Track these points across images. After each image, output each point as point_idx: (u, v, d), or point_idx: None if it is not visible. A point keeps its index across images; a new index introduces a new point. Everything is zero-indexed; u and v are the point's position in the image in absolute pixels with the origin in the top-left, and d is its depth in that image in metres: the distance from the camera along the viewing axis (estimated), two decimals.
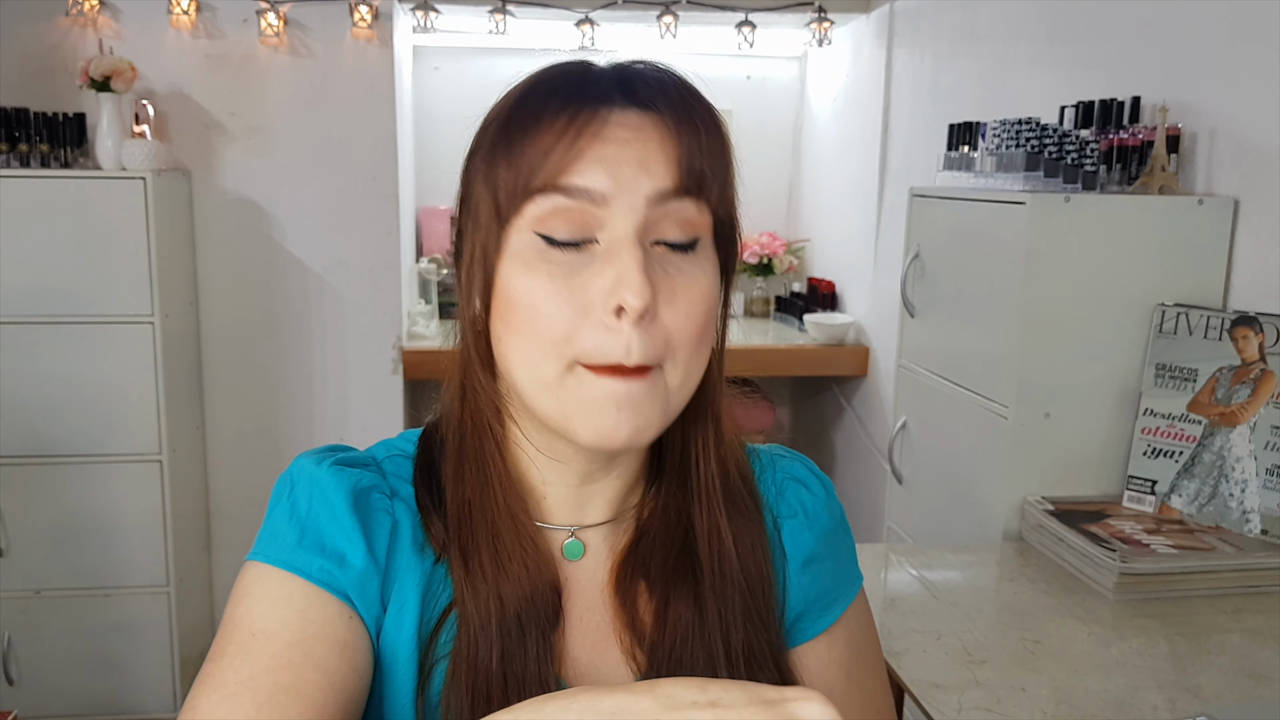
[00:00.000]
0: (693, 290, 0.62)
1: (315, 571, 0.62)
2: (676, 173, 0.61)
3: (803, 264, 3.60)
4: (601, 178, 0.60)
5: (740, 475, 0.73)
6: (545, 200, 0.60)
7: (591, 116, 0.61)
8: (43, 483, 2.50)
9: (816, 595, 0.75)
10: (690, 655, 0.67)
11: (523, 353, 0.62)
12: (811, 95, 3.53)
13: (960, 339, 1.82)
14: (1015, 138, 1.73)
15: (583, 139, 0.60)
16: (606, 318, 0.59)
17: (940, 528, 1.89)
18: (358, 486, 0.66)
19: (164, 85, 2.75)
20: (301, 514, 0.65)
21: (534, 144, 0.60)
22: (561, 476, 0.69)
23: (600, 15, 2.97)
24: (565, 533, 0.70)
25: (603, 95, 0.62)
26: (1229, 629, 1.32)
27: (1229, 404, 1.53)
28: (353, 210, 2.86)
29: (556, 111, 0.61)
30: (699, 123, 0.63)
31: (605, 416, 0.60)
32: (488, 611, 0.64)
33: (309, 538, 0.63)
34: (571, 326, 0.60)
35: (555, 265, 0.60)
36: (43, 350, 2.45)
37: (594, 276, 0.60)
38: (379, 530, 0.65)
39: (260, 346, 2.92)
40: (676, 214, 0.62)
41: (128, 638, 2.60)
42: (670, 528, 0.70)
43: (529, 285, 0.61)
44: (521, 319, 0.61)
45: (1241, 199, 1.59)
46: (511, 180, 0.61)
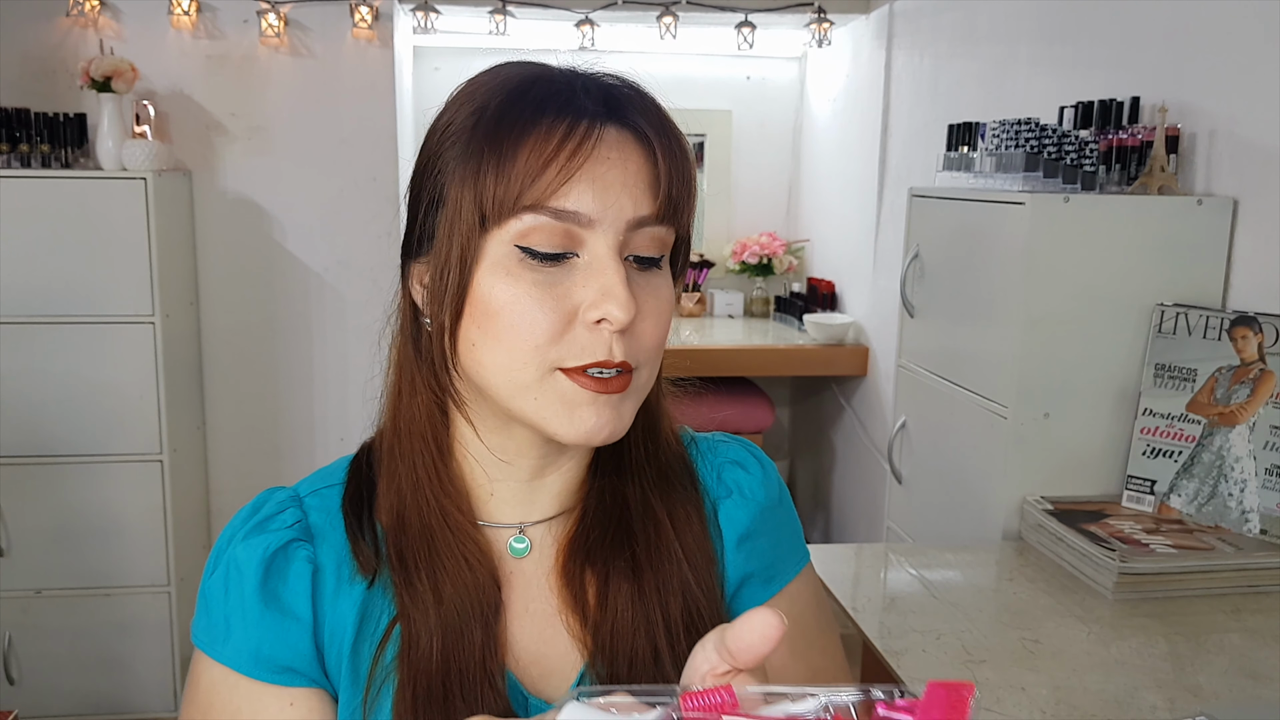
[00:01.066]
0: (660, 303, 0.66)
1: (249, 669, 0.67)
2: (655, 200, 0.64)
3: (802, 264, 3.60)
4: (590, 202, 0.62)
5: (675, 455, 0.77)
6: (532, 217, 0.62)
7: (585, 136, 0.62)
8: (43, 483, 2.50)
9: (753, 571, 0.77)
10: (631, 627, 0.69)
11: (502, 358, 0.63)
12: (811, 96, 3.53)
13: (960, 339, 1.83)
14: (1015, 138, 1.73)
15: (575, 160, 0.61)
16: (588, 327, 0.62)
17: (940, 528, 1.90)
18: (268, 553, 0.68)
19: (165, 86, 2.75)
20: (224, 605, 0.68)
21: (527, 159, 0.61)
22: (510, 475, 0.71)
23: (600, 15, 2.97)
24: (511, 530, 0.72)
25: (592, 112, 0.63)
26: (1228, 629, 1.32)
27: (1228, 404, 1.53)
28: (353, 210, 2.86)
29: (551, 127, 0.62)
30: (677, 151, 0.66)
31: (587, 418, 0.63)
32: (425, 608, 0.66)
33: (235, 634, 0.67)
34: (554, 334, 0.62)
35: (537, 275, 0.62)
36: (43, 350, 2.45)
37: (575, 288, 0.62)
38: (298, 585, 0.68)
39: (260, 346, 2.92)
40: (650, 236, 0.65)
41: (128, 638, 2.60)
42: (607, 509, 0.73)
43: (512, 294, 0.62)
44: (503, 327, 0.63)
45: (1241, 199, 1.59)
46: (501, 193, 0.62)
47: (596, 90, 0.65)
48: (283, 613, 0.67)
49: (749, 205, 3.67)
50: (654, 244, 0.65)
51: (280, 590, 0.67)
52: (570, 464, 0.72)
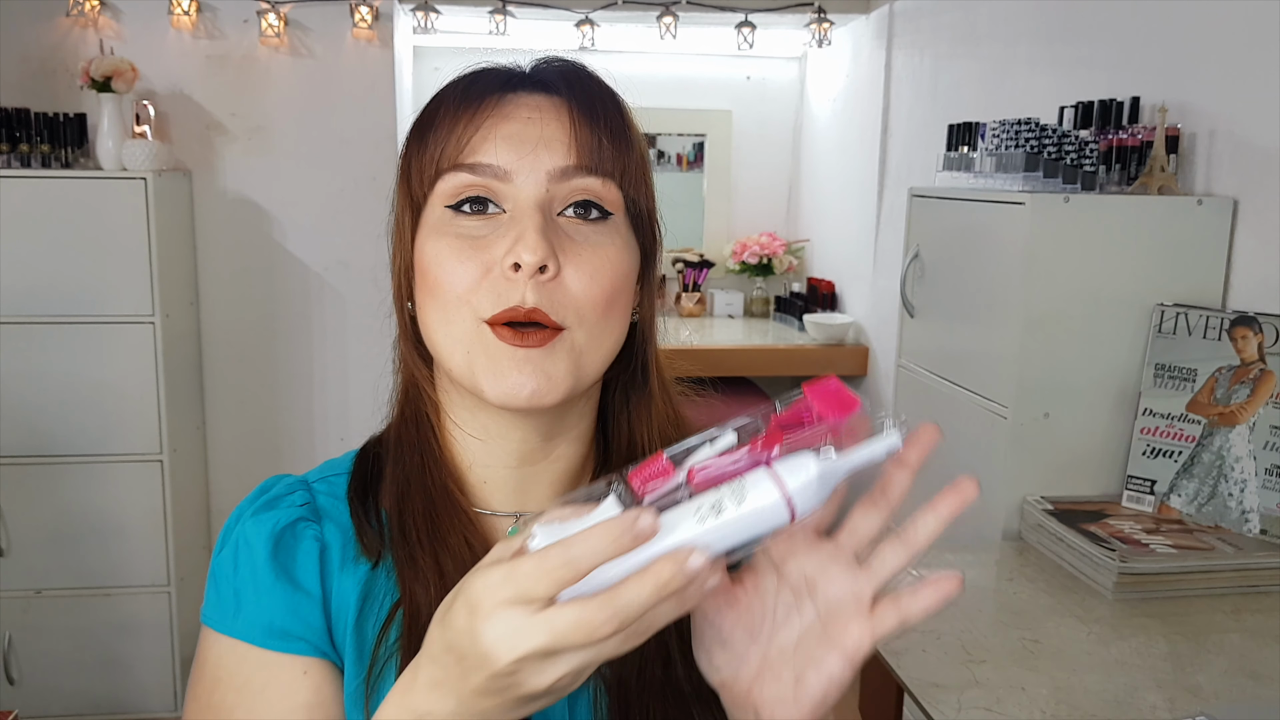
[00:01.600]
0: (598, 255, 0.65)
1: (262, 639, 0.67)
2: (576, 149, 0.65)
3: (802, 264, 3.60)
4: (505, 154, 0.64)
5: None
6: (453, 177, 0.65)
7: (497, 101, 0.66)
8: (43, 483, 2.50)
9: None
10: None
11: (436, 313, 0.66)
12: (811, 96, 3.53)
13: (960, 339, 1.83)
14: (1015, 138, 1.73)
15: (486, 120, 0.65)
16: (506, 273, 0.63)
17: None
18: (277, 529, 0.69)
19: (165, 86, 2.75)
20: (234, 579, 0.68)
21: (441, 129, 0.66)
22: (497, 459, 0.71)
23: (600, 16, 2.97)
24: (509, 519, 0.72)
25: (508, 83, 0.67)
26: (1228, 629, 1.32)
27: (1228, 404, 1.53)
28: (353, 210, 2.86)
29: (462, 99, 0.66)
30: (598, 105, 0.67)
31: (508, 375, 0.64)
32: (428, 586, 0.66)
33: (246, 607, 0.67)
34: (474, 282, 0.64)
35: (463, 230, 0.65)
36: (43, 350, 2.45)
37: (497, 240, 0.64)
38: (306, 561, 0.68)
39: (260, 346, 2.92)
40: (580, 187, 0.66)
41: (128, 638, 2.60)
42: None
43: (437, 249, 0.65)
44: (432, 281, 0.65)
45: (1240, 199, 1.59)
46: (421, 163, 0.66)
47: (523, 66, 0.69)
48: (294, 586, 0.67)
49: (749, 205, 3.66)
50: (588, 195, 0.66)
51: (290, 565, 0.68)
52: (567, 450, 0.72)
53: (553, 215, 0.65)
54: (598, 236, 0.66)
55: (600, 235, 0.66)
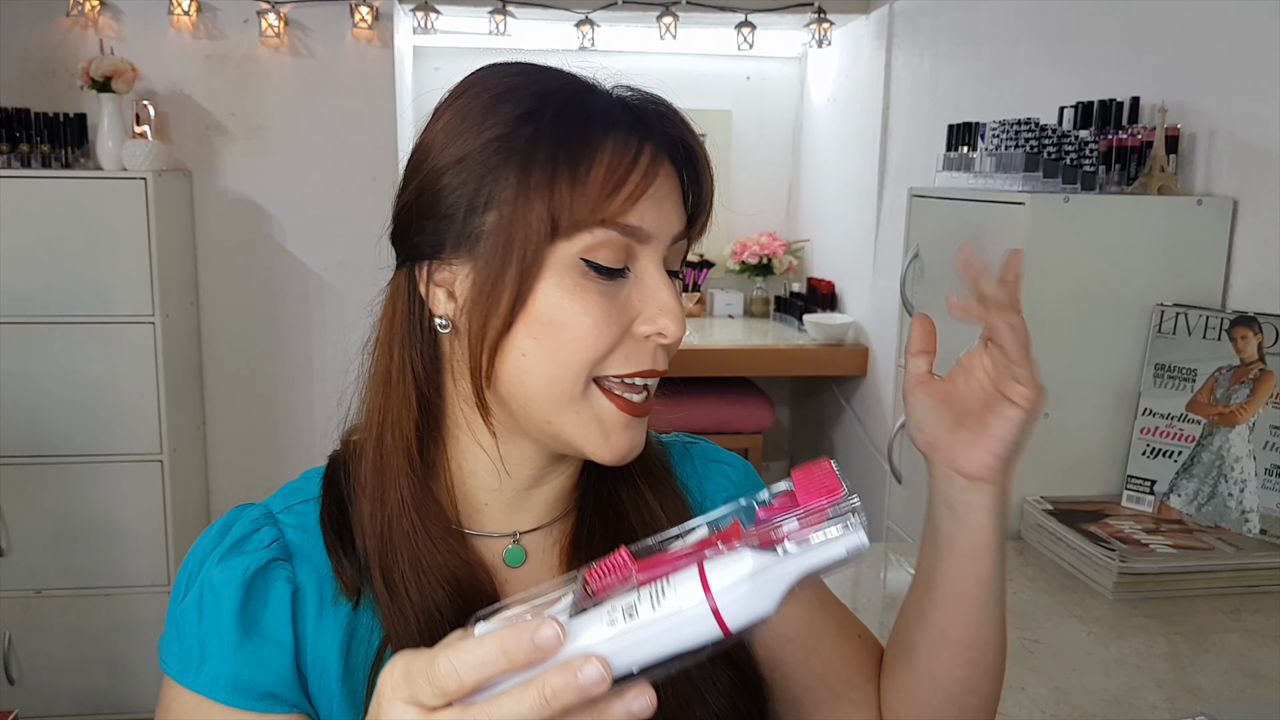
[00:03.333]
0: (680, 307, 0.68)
1: (227, 696, 0.64)
2: (688, 214, 0.68)
3: (802, 264, 3.60)
4: (652, 219, 0.64)
5: (654, 450, 0.78)
6: (603, 232, 0.62)
7: (652, 155, 0.64)
8: (43, 483, 2.50)
9: None
10: None
11: (552, 369, 0.63)
12: (811, 96, 3.53)
13: (960, 339, 1.82)
14: (1014, 138, 1.73)
15: (646, 179, 0.63)
16: (636, 340, 0.65)
17: None
18: (247, 575, 0.65)
19: (165, 86, 2.75)
20: (199, 629, 0.65)
21: (604, 176, 0.62)
22: (505, 483, 0.70)
23: (600, 16, 2.98)
24: (506, 540, 0.71)
25: (650, 130, 0.65)
26: (1228, 628, 1.32)
27: (1228, 404, 1.53)
28: (353, 210, 2.86)
29: (623, 145, 0.63)
30: (705, 165, 0.68)
31: (620, 441, 0.65)
32: (413, 631, 0.64)
33: (211, 661, 0.64)
34: (612, 346, 0.64)
35: (599, 287, 0.63)
36: (43, 350, 2.45)
37: (629, 302, 0.64)
38: (278, 608, 0.65)
39: (261, 346, 2.92)
40: (679, 249, 0.68)
41: (128, 638, 2.61)
42: (604, 509, 0.73)
43: (580, 307, 0.62)
44: (564, 339, 0.63)
45: (1240, 199, 1.59)
46: (576, 206, 0.61)
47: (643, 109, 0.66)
48: (263, 637, 0.65)
49: (749, 205, 3.66)
50: (678, 257, 0.68)
51: (260, 614, 0.65)
52: (568, 470, 0.73)
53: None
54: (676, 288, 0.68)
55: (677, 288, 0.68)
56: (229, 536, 0.68)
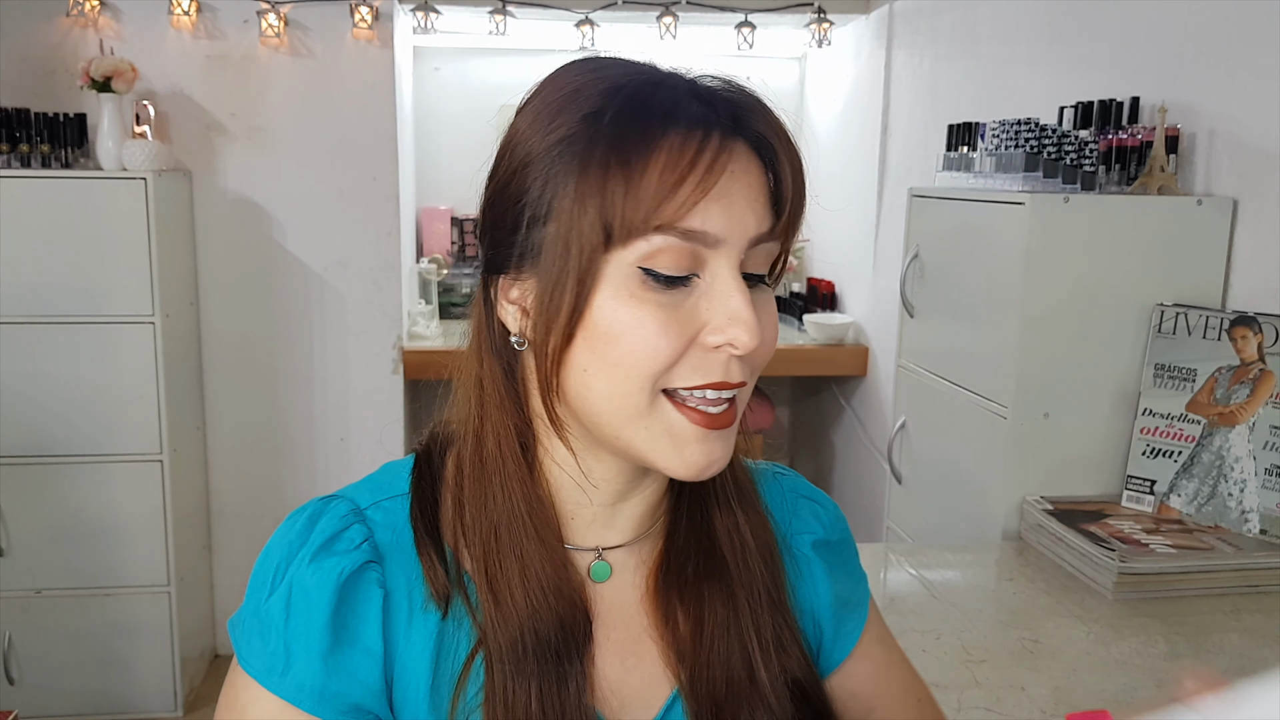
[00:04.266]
0: (770, 315, 0.63)
1: (312, 705, 0.62)
2: (773, 215, 0.61)
3: (802, 264, 3.60)
4: (718, 221, 0.58)
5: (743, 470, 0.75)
6: (661, 239, 0.58)
7: (718, 151, 0.58)
8: (43, 483, 2.50)
9: (847, 599, 0.78)
10: (726, 650, 0.68)
11: (616, 385, 0.60)
12: (811, 96, 3.53)
13: (959, 339, 1.83)
14: (1014, 138, 1.73)
15: (709, 178, 0.58)
16: (705, 350, 0.60)
17: (940, 528, 1.90)
18: (342, 579, 0.63)
19: (165, 86, 2.75)
20: (285, 632, 0.63)
21: (660, 176, 0.57)
22: (594, 498, 0.68)
23: (600, 15, 2.97)
24: (591, 554, 0.69)
25: (721, 124, 0.60)
26: (1228, 628, 1.32)
27: (1228, 404, 1.53)
28: (353, 210, 2.86)
29: (683, 141, 0.58)
30: (792, 161, 0.62)
31: (695, 455, 0.61)
32: (517, 643, 0.62)
33: (297, 666, 0.62)
34: (676, 358, 0.59)
35: (661, 298, 0.59)
36: (43, 350, 2.45)
37: (698, 310, 0.59)
38: (369, 614, 0.63)
39: (261, 346, 2.92)
40: (765, 252, 0.62)
41: (128, 638, 2.61)
42: (696, 532, 0.71)
43: (635, 318, 0.59)
44: (623, 352, 0.59)
45: (1240, 199, 1.59)
46: (630, 212, 0.57)
47: (719, 100, 0.61)
48: (354, 646, 0.63)
49: None
50: (766, 260, 0.62)
51: (352, 621, 0.63)
52: (654, 486, 0.70)
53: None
54: (764, 297, 0.63)
55: (765, 295, 0.63)
56: (316, 532, 0.64)
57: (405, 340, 2.97)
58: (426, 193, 3.42)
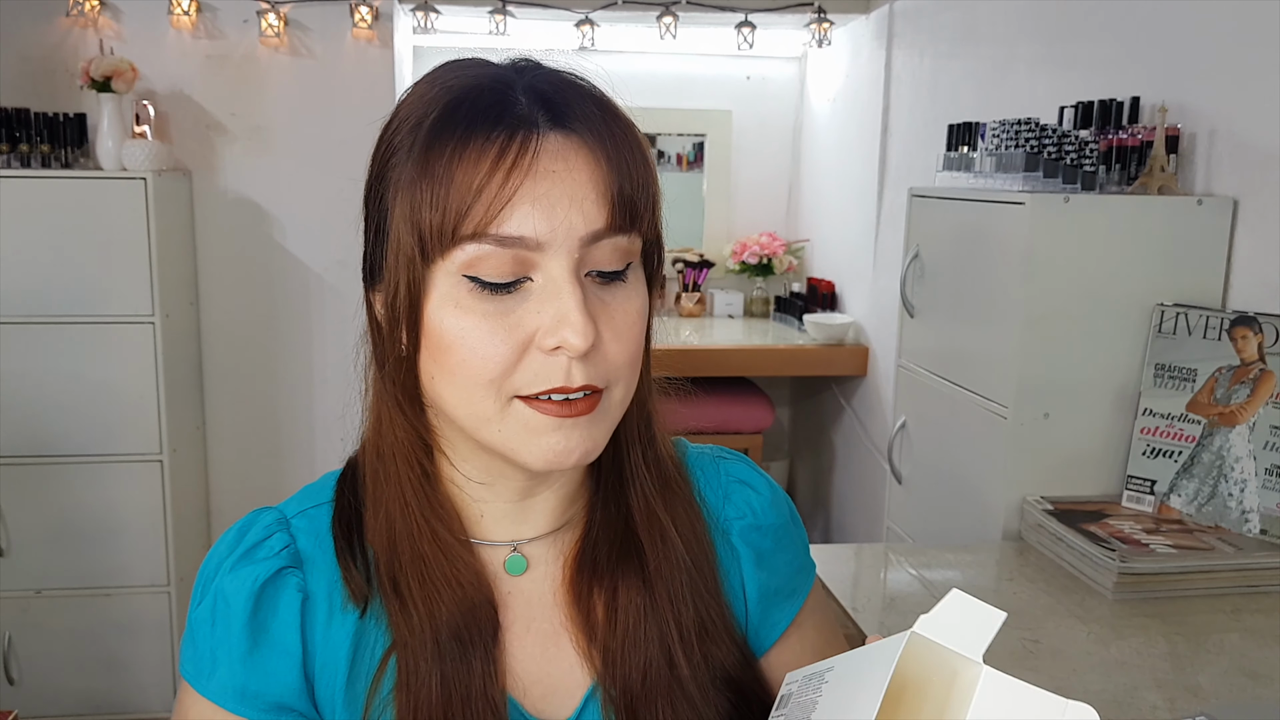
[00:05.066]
0: (629, 315, 0.62)
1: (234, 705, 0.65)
2: (610, 210, 0.59)
3: (802, 264, 3.60)
4: (537, 223, 0.57)
5: (671, 459, 0.74)
6: (475, 246, 0.58)
7: (522, 150, 0.57)
8: (43, 483, 2.50)
9: (775, 589, 0.76)
10: (644, 638, 0.68)
11: (459, 392, 0.61)
12: (811, 96, 3.53)
13: (960, 339, 1.83)
14: (1014, 138, 1.73)
15: (513, 178, 0.57)
16: (545, 353, 0.59)
17: (940, 528, 1.90)
18: (257, 584, 0.65)
19: (165, 86, 2.75)
20: (210, 638, 0.66)
21: (461, 183, 0.57)
22: (497, 495, 0.69)
23: (600, 16, 2.97)
24: (506, 549, 0.70)
25: (528, 119, 0.59)
26: (1228, 628, 1.32)
27: (1228, 404, 1.53)
28: (353, 210, 2.81)
29: (483, 144, 0.57)
30: (627, 152, 0.61)
31: (553, 444, 0.61)
32: (423, 637, 0.64)
33: (221, 669, 0.65)
34: (509, 365, 0.59)
35: (489, 304, 0.59)
36: (43, 350, 2.45)
37: (530, 314, 0.59)
38: (287, 616, 0.66)
39: (260, 346, 2.92)
40: (610, 248, 0.60)
41: (128, 638, 2.60)
42: (612, 522, 0.71)
43: (460, 327, 0.59)
44: (456, 361, 0.59)
45: (1240, 199, 1.59)
46: (438, 222, 0.57)
47: (535, 94, 0.60)
48: (271, 647, 0.65)
49: (749, 205, 3.66)
50: (616, 255, 0.61)
51: (269, 623, 0.65)
52: (562, 480, 0.70)
53: (581, 279, 0.60)
54: (622, 293, 0.62)
55: (624, 291, 0.62)
56: (243, 543, 0.67)
57: None
58: None
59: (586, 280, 0.60)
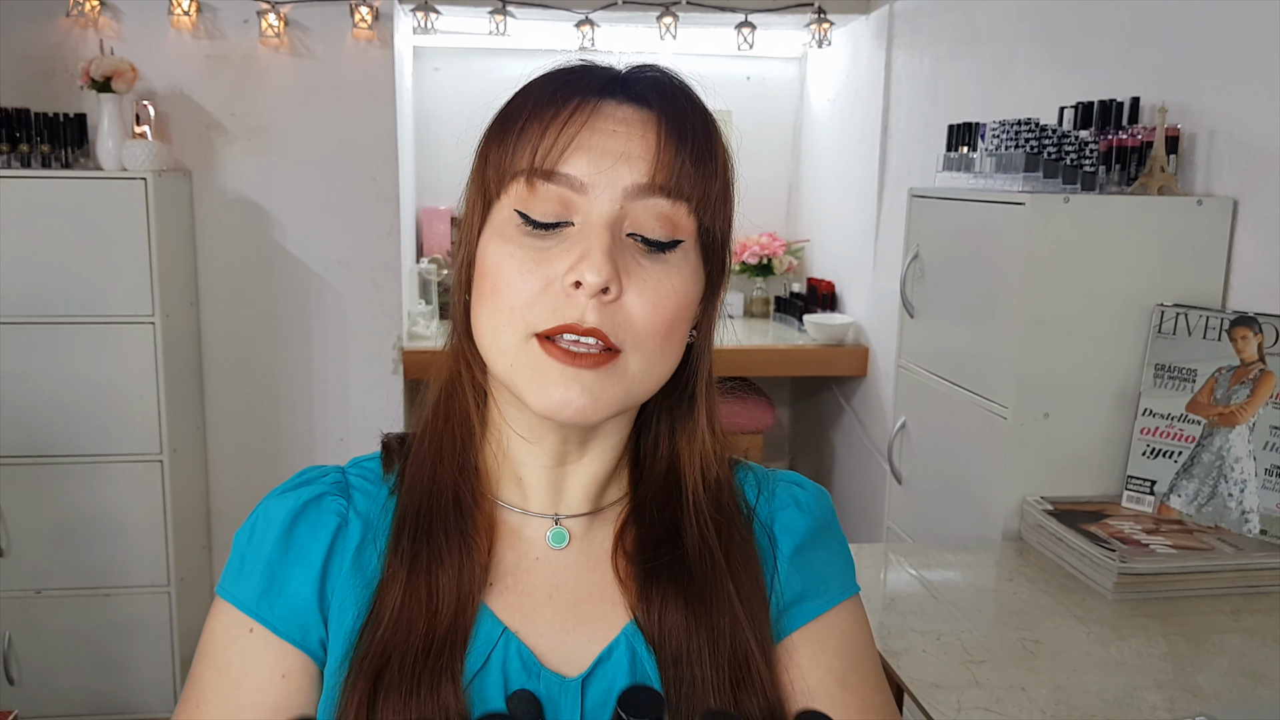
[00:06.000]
0: (663, 284, 0.64)
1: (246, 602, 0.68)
2: (655, 168, 0.63)
3: (802, 264, 3.60)
4: (583, 165, 0.62)
5: (729, 486, 0.74)
6: (529, 182, 0.63)
7: (583, 106, 0.64)
8: (43, 483, 2.50)
9: (808, 582, 0.74)
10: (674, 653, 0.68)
11: (488, 320, 0.65)
12: (811, 96, 3.53)
13: (960, 339, 1.83)
14: (1014, 138, 1.73)
15: (570, 127, 0.63)
16: (566, 289, 0.62)
17: (940, 528, 1.90)
18: (299, 503, 0.70)
19: (165, 86, 2.75)
20: (245, 548, 0.70)
21: (525, 129, 0.64)
22: (537, 458, 0.70)
23: (600, 16, 2.97)
24: (548, 521, 0.71)
25: (599, 89, 0.65)
26: (1228, 629, 1.32)
27: (1228, 404, 1.53)
28: (353, 210, 2.86)
29: (551, 102, 0.64)
30: (688, 124, 0.65)
31: (554, 390, 0.62)
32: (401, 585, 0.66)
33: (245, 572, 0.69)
34: (532, 297, 0.62)
35: (530, 241, 0.63)
36: (43, 350, 2.45)
37: (562, 255, 0.62)
38: (320, 532, 0.69)
39: (261, 346, 2.92)
40: (654, 210, 0.63)
41: (128, 638, 2.60)
42: (659, 533, 0.70)
43: (500, 254, 0.64)
44: (489, 286, 0.64)
45: (1240, 199, 1.59)
46: (499, 161, 0.65)
47: (615, 71, 0.67)
48: (297, 556, 0.68)
49: (749, 205, 3.57)
50: (661, 222, 0.64)
51: (301, 534, 0.69)
52: (596, 453, 0.70)
53: (621, 235, 0.63)
54: (664, 266, 0.64)
55: (666, 265, 0.64)
56: (297, 478, 0.72)
57: (405, 340, 2.97)
58: (426, 193, 3.42)
59: (629, 241, 0.63)
